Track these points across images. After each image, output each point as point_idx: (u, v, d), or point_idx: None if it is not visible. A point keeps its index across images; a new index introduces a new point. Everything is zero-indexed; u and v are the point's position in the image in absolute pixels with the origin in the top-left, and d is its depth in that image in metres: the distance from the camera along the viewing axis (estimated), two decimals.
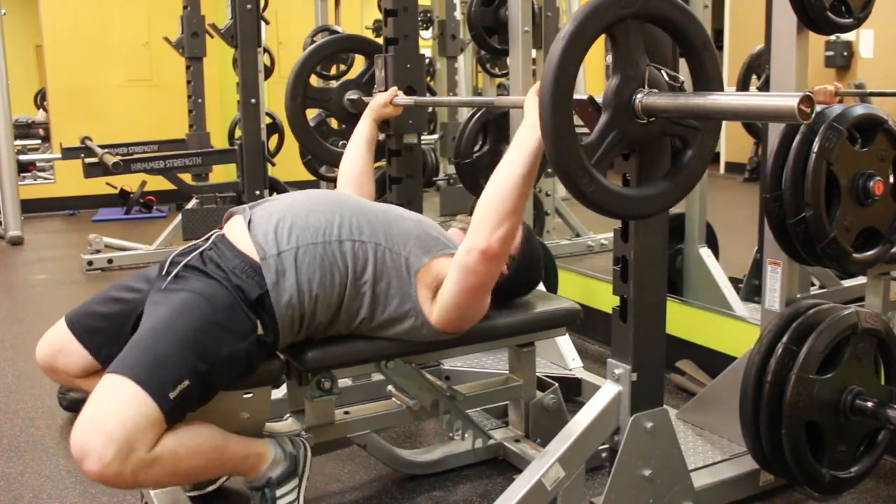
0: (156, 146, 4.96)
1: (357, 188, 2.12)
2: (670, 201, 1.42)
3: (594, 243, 4.44)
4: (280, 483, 1.66)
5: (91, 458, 1.36)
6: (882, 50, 6.18)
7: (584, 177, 1.25)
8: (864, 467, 1.77)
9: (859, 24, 1.84)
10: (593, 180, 1.26)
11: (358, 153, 2.18)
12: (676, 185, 1.40)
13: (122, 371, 1.44)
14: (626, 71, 1.29)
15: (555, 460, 1.63)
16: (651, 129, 1.33)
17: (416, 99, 2.20)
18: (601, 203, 1.29)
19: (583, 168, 1.25)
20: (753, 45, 3.30)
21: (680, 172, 1.40)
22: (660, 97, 1.28)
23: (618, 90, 1.29)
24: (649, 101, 1.28)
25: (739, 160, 7.41)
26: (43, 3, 6.78)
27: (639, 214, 1.45)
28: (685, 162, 1.40)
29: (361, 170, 2.16)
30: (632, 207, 1.37)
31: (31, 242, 5.61)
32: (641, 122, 1.31)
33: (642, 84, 1.30)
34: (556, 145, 1.24)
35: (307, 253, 1.63)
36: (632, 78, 1.29)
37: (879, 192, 1.76)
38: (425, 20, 4.97)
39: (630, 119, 1.30)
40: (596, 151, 1.28)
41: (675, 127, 1.37)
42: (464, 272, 1.62)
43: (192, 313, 1.53)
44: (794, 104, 1.04)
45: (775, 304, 1.89)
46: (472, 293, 1.65)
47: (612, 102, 1.29)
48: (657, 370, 1.69)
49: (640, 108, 1.29)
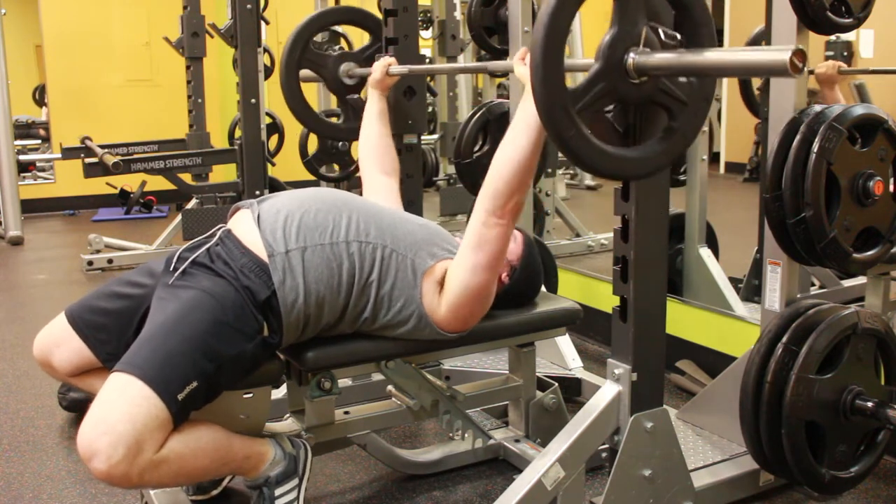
0: (156, 146, 4.96)
1: (380, 164, 2.11)
2: (645, 169, 1.39)
3: (594, 243, 4.44)
4: (279, 482, 1.66)
5: (99, 458, 1.36)
6: (882, 50, 6.18)
7: (566, 119, 1.24)
8: (864, 467, 1.77)
9: (859, 24, 1.84)
10: (574, 125, 1.24)
11: (372, 128, 2.18)
12: (656, 154, 1.37)
13: (131, 371, 1.43)
14: (624, 26, 1.27)
15: (555, 460, 1.63)
16: (643, 90, 1.30)
17: (410, 67, 2.19)
18: (578, 151, 1.27)
19: (565, 109, 1.23)
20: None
21: (662, 143, 1.37)
22: (652, 56, 1.26)
23: (611, 44, 1.27)
24: (641, 60, 1.26)
25: (739, 160, 7.42)
26: (43, 3, 6.78)
27: (610, 172, 1.38)
28: (669, 135, 1.37)
29: (379, 142, 2.16)
30: (605, 162, 1.32)
31: (31, 242, 5.61)
32: (633, 82, 1.29)
33: (637, 43, 1.28)
34: (543, 83, 1.22)
35: (315, 253, 1.62)
36: (628, 34, 1.27)
37: (879, 192, 1.76)
38: (425, 20, 4.97)
39: (621, 76, 1.28)
40: (581, 98, 1.26)
41: (664, 96, 1.34)
42: (478, 248, 1.62)
43: (201, 313, 1.52)
44: (787, 57, 1.02)
45: (775, 304, 1.89)
46: (486, 269, 1.64)
47: (605, 55, 1.27)
48: (657, 370, 1.69)
49: (632, 68, 1.27)
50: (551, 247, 3.47)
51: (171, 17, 5.18)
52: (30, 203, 6.35)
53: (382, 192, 2.05)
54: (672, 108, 1.36)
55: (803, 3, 1.75)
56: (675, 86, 1.34)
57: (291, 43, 2.47)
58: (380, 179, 2.09)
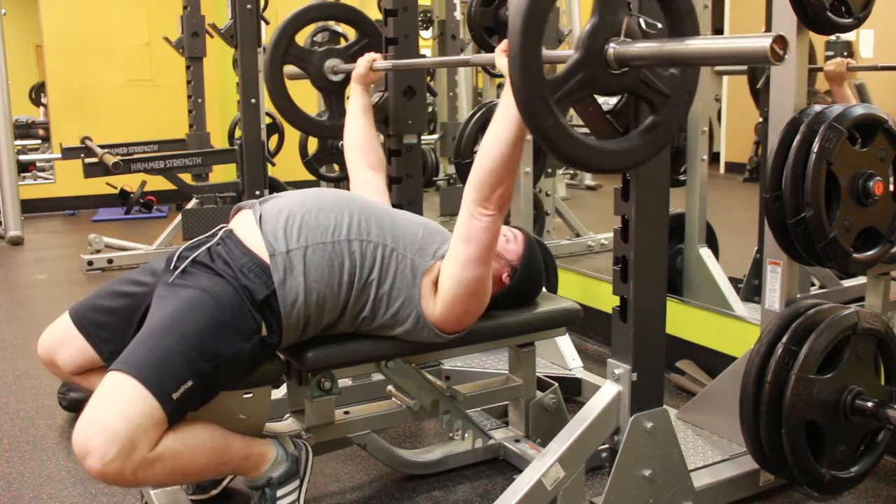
0: (156, 146, 4.96)
1: (366, 159, 2.10)
2: (626, 163, 1.38)
3: (594, 243, 4.44)
4: (281, 483, 1.66)
5: (93, 456, 1.37)
6: (882, 50, 6.17)
7: (544, 109, 1.22)
8: (864, 467, 1.77)
9: (859, 24, 1.84)
10: (552, 115, 1.22)
11: (356, 123, 2.17)
12: (636, 148, 1.35)
13: (126, 369, 1.44)
14: (605, 16, 1.25)
15: (555, 460, 1.63)
16: (624, 81, 1.28)
17: (394, 63, 2.19)
18: (556, 142, 1.24)
19: (543, 99, 1.21)
20: None
21: (644, 137, 1.35)
22: (633, 45, 1.24)
23: (592, 33, 1.25)
24: (622, 50, 1.24)
25: (739, 160, 7.42)
26: (43, 3, 6.78)
27: (589, 164, 1.35)
28: (649, 129, 1.35)
29: (364, 138, 2.15)
30: (583, 154, 1.30)
31: (31, 242, 5.61)
32: (614, 73, 1.26)
33: (618, 33, 1.26)
34: (520, 71, 1.20)
35: (316, 252, 1.63)
36: (609, 23, 1.25)
37: (879, 192, 1.76)
38: (425, 20, 4.97)
39: (601, 66, 1.25)
40: (560, 88, 1.24)
41: (645, 88, 1.32)
42: (467, 241, 1.62)
43: (199, 312, 1.52)
44: (767, 44, 1.01)
45: (775, 304, 1.89)
46: (477, 262, 1.63)
47: (585, 44, 1.25)
48: (657, 370, 1.69)
49: (612, 58, 1.25)
50: (551, 247, 3.47)
51: (171, 17, 5.19)
52: (30, 203, 6.35)
53: (370, 187, 2.04)
54: (654, 101, 1.34)
55: (803, 3, 1.75)
56: (657, 78, 1.32)
57: (276, 38, 2.44)
58: (366, 174, 2.09)
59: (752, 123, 5.51)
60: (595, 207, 6.35)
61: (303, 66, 2.50)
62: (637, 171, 1.59)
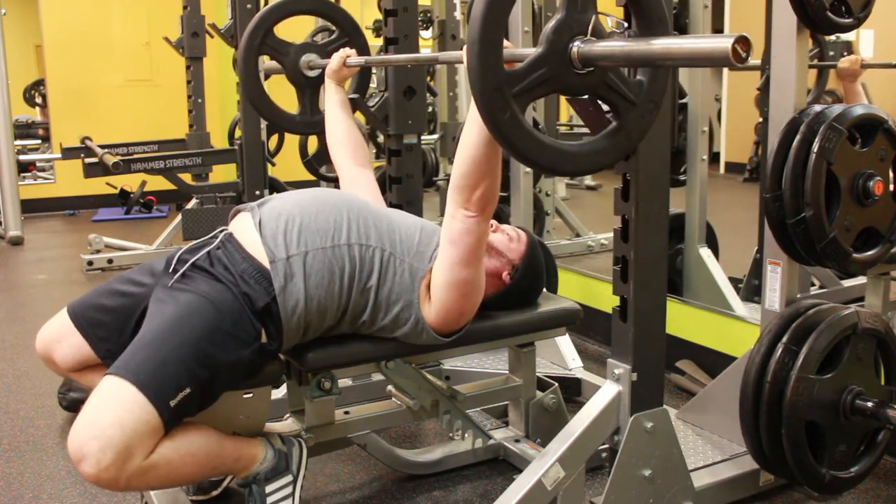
0: (156, 146, 4.96)
1: (353, 157, 2.07)
2: (583, 167, 1.34)
3: (594, 243, 4.44)
4: (268, 479, 1.65)
5: (88, 462, 1.36)
6: (882, 50, 6.17)
7: (499, 100, 1.18)
8: (864, 467, 1.77)
9: (859, 24, 1.84)
10: (508, 108, 1.18)
11: (336, 117, 2.13)
12: (595, 152, 1.31)
13: (124, 374, 1.42)
14: (571, 13, 1.22)
15: (555, 460, 1.63)
16: (588, 81, 1.25)
17: (366, 59, 2.17)
18: (510, 137, 1.20)
19: (500, 90, 1.18)
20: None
21: (605, 141, 1.32)
22: (596, 45, 1.21)
23: (556, 29, 1.21)
24: (586, 49, 1.21)
25: (739, 160, 7.42)
26: (43, 3, 6.78)
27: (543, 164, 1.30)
28: (611, 134, 1.32)
29: (348, 136, 2.10)
30: (538, 153, 1.26)
31: (31, 242, 5.61)
32: (578, 72, 1.23)
33: (585, 31, 1.22)
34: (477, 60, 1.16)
35: (316, 258, 1.62)
36: (575, 21, 1.22)
37: (879, 192, 1.76)
38: (425, 20, 4.98)
39: (565, 65, 1.22)
40: (519, 83, 1.20)
41: (609, 91, 1.29)
42: (452, 243, 1.60)
43: (198, 318, 1.51)
44: (729, 45, 0.99)
45: (775, 304, 1.89)
46: (464, 264, 1.62)
47: (549, 40, 1.21)
48: (657, 370, 1.69)
49: (576, 57, 1.21)
50: (551, 247, 3.47)
51: (171, 17, 5.18)
52: (30, 203, 6.34)
53: (360, 185, 2.01)
54: (618, 106, 1.31)
55: (803, 3, 1.75)
56: (623, 82, 1.29)
57: (253, 28, 2.38)
58: (354, 172, 2.05)
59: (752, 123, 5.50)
60: (595, 207, 6.35)
61: (279, 58, 2.46)
62: (637, 171, 1.59)
